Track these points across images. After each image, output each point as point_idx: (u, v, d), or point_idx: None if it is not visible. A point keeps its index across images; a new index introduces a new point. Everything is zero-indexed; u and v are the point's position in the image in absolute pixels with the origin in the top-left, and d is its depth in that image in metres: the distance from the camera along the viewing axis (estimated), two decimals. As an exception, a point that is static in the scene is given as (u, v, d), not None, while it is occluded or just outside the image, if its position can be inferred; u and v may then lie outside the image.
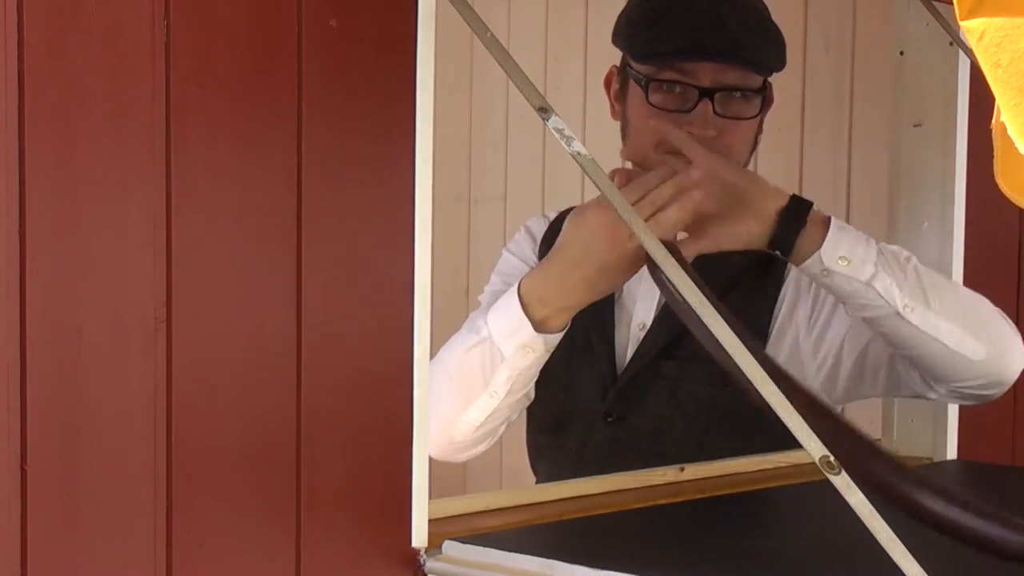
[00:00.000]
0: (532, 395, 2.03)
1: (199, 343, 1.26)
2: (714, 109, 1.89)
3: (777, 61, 1.98)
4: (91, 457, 1.20)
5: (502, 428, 1.97)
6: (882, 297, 1.75)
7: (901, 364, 1.89)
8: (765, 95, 1.96)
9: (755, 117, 1.94)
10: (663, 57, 1.91)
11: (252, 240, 1.29)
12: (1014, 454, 2.29)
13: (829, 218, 1.76)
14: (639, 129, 1.93)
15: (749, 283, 1.87)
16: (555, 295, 1.73)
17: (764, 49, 1.94)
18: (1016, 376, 1.88)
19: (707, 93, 1.89)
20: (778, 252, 1.77)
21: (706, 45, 1.90)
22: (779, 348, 1.96)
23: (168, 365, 1.23)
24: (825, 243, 1.74)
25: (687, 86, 1.89)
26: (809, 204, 1.77)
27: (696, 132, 1.87)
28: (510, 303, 1.74)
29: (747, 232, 1.76)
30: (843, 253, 1.74)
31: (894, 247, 1.81)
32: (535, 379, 1.84)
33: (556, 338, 1.77)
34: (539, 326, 1.74)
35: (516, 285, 1.76)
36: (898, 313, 1.76)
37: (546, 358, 1.79)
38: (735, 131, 1.91)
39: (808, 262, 1.76)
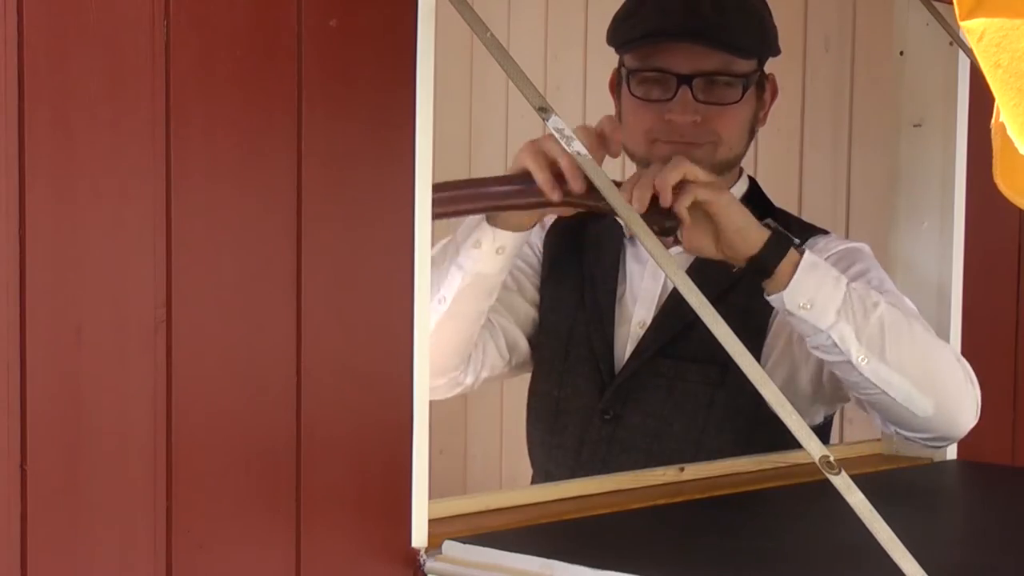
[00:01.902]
0: (506, 354, 2.03)
1: (199, 343, 1.26)
2: (694, 95, 1.92)
3: (755, 43, 1.98)
4: (91, 457, 1.20)
5: (455, 372, 1.96)
6: (837, 346, 1.77)
7: (857, 403, 1.91)
8: (753, 82, 1.97)
9: (738, 102, 1.95)
10: (635, 42, 1.95)
11: (252, 240, 1.29)
12: (1014, 454, 2.28)
13: (801, 258, 1.77)
14: (628, 122, 1.97)
15: (749, 283, 1.87)
16: None
17: (740, 32, 1.95)
18: (964, 433, 1.89)
19: (685, 80, 1.91)
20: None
21: (675, 27, 1.92)
22: (774, 346, 1.97)
23: (168, 365, 1.23)
24: (790, 286, 1.77)
25: (666, 74, 1.92)
26: (789, 242, 1.78)
27: (678, 119, 1.92)
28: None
29: (730, 249, 1.79)
30: (806, 299, 1.77)
31: (863, 289, 1.80)
32: (488, 300, 1.90)
33: (506, 239, 1.82)
34: (490, 219, 1.82)
35: None
36: (850, 362, 1.78)
37: (496, 276, 1.86)
38: (720, 117, 1.92)
39: (772, 298, 1.79)
